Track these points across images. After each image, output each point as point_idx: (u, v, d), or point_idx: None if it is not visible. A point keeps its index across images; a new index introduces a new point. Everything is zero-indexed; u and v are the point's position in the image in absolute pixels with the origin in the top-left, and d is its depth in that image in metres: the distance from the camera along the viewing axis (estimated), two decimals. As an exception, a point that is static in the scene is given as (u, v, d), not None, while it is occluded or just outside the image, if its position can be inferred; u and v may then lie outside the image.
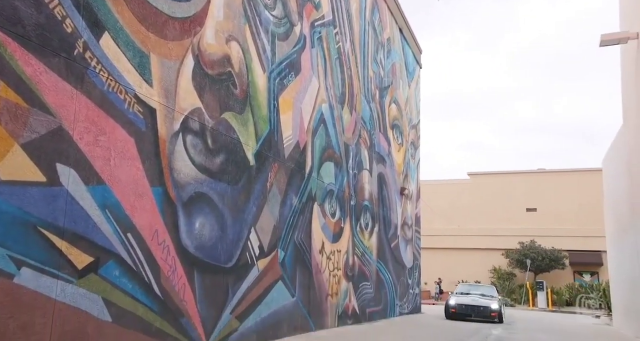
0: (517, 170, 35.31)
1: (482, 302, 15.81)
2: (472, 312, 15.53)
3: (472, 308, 15.67)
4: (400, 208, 17.04)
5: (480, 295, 16.71)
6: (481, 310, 15.49)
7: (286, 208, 9.34)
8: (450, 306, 16.14)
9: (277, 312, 8.74)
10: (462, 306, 15.85)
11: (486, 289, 18.07)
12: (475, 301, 15.92)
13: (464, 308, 15.76)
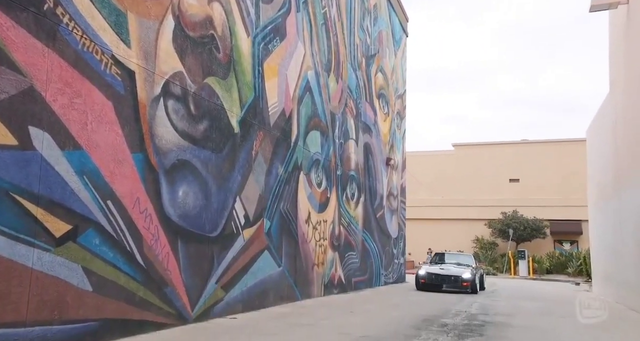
0: (501, 140, 35.48)
1: (453, 271, 14.44)
2: (443, 282, 14.15)
3: (442, 278, 14.26)
4: (386, 178, 16.99)
5: (455, 264, 15.36)
6: (452, 280, 14.13)
7: (272, 178, 9.17)
8: (420, 276, 14.68)
9: (263, 282, 8.67)
10: (432, 276, 14.37)
11: (463, 258, 16.66)
12: (446, 271, 14.53)
13: (434, 278, 14.31)
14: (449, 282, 14.12)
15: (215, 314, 7.13)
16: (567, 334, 6.89)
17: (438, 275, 14.38)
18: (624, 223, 11.29)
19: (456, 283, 14.05)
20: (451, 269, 14.68)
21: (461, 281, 13.96)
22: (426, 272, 14.64)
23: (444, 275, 14.30)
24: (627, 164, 11.06)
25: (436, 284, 14.20)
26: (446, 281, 14.16)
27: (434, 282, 14.23)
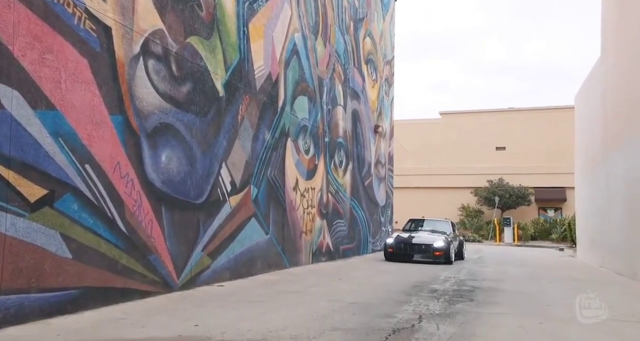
0: (488, 108, 35.39)
1: (424, 239, 12.70)
2: (413, 252, 12.60)
3: (412, 246, 12.60)
4: (374, 146, 16.81)
5: (429, 232, 13.59)
6: (423, 249, 12.49)
7: (258, 143, 8.92)
8: (387, 245, 12.98)
9: (251, 249, 8.53)
10: (401, 245, 12.68)
11: (440, 224, 14.69)
12: (416, 239, 12.80)
13: (403, 248, 12.64)
14: (420, 251, 12.55)
15: (202, 282, 6.99)
16: (556, 297, 6.89)
17: (407, 243, 12.69)
18: (612, 187, 11.31)
19: (427, 252, 12.46)
20: (422, 237, 12.95)
21: (433, 251, 12.34)
22: (394, 241, 12.90)
23: (413, 244, 12.63)
24: (616, 128, 11.00)
25: (405, 254, 12.62)
26: (416, 250, 12.58)
27: (402, 252, 12.63)
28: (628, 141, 9.99)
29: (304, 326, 4.59)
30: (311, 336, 4.23)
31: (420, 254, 12.58)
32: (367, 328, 4.61)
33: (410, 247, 12.63)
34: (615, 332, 4.66)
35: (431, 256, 12.44)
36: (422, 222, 14.99)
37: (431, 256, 12.44)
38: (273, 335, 4.24)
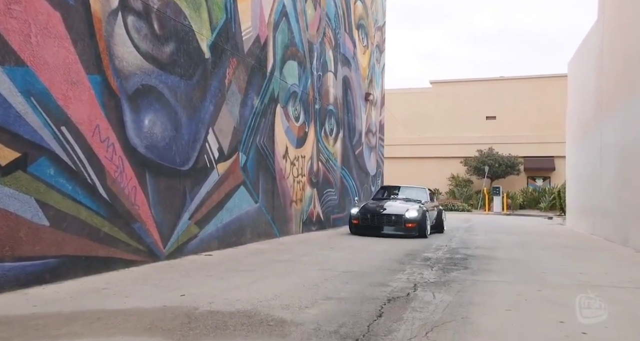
0: (479, 77, 35.03)
1: (394, 209, 10.90)
2: (382, 223, 10.74)
3: (380, 218, 10.74)
4: (364, 114, 16.51)
5: (403, 200, 11.90)
6: (393, 221, 10.66)
7: (247, 109, 8.59)
8: (352, 216, 11.15)
9: (240, 218, 8.32)
10: (367, 216, 10.85)
11: (415, 192, 12.74)
12: (385, 208, 10.99)
13: (370, 219, 10.80)
14: (390, 223, 10.67)
15: (190, 251, 6.78)
16: (550, 265, 6.80)
17: (375, 214, 10.82)
18: (605, 153, 11.20)
19: (398, 224, 10.61)
20: (393, 206, 11.15)
21: (404, 222, 10.52)
22: (360, 211, 11.00)
23: (382, 215, 10.77)
24: (611, 92, 10.80)
25: (373, 226, 10.77)
26: (386, 222, 10.70)
27: (370, 224, 10.80)
28: (623, 105, 9.81)
29: (296, 296, 4.42)
30: (303, 305, 4.06)
31: (391, 227, 10.66)
32: (361, 297, 4.44)
33: (378, 218, 10.72)
34: (614, 298, 4.54)
35: (404, 229, 10.53)
36: (396, 189, 13.14)
37: (404, 229, 10.53)
38: (263, 304, 4.05)
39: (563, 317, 3.79)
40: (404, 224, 10.55)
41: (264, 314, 3.75)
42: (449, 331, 3.37)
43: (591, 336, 3.32)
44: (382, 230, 10.74)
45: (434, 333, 3.35)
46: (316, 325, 3.48)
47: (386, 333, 3.32)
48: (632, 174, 9.17)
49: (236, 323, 3.48)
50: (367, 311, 3.90)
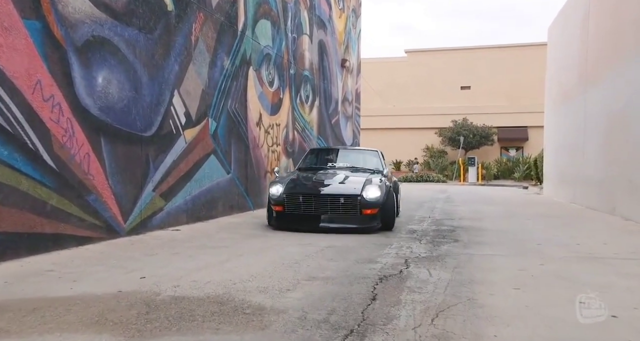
0: (454, 46, 34.49)
1: (341, 187, 6.78)
2: (321, 210, 6.53)
3: (318, 201, 6.56)
4: (341, 81, 15.83)
5: (349, 170, 7.62)
6: (339, 206, 6.50)
7: (216, 71, 7.85)
8: (273, 199, 6.77)
9: (211, 190, 7.68)
10: (297, 200, 6.61)
11: (361, 156, 8.55)
12: (326, 185, 6.83)
13: (302, 204, 6.59)
14: (335, 210, 6.49)
15: (155, 226, 6.14)
16: (542, 235, 6.41)
17: (310, 194, 6.61)
18: (589, 120, 10.87)
19: (349, 211, 6.49)
20: (338, 180, 7.01)
21: (360, 207, 6.45)
22: (286, 190, 6.69)
23: (321, 196, 6.56)
24: (598, 56, 10.39)
25: (307, 216, 6.55)
26: (330, 207, 6.50)
27: (301, 211, 6.57)
28: (612, 69, 9.41)
29: (275, 276, 3.86)
30: (284, 288, 3.51)
31: (338, 215, 6.47)
32: (349, 275, 3.92)
33: (316, 202, 6.51)
34: (626, 273, 4.14)
35: (357, 218, 6.45)
36: (333, 153, 8.77)
37: (357, 218, 6.45)
38: (238, 287, 3.48)
39: (580, 296, 3.34)
40: (359, 210, 6.38)
41: (239, 299, 3.18)
42: (458, 318, 2.87)
43: (623, 319, 2.88)
44: (319, 221, 6.43)
45: (441, 319, 2.84)
46: (301, 312, 2.94)
47: (385, 321, 2.80)
48: (621, 141, 8.85)
49: (205, 312, 2.90)
50: (358, 294, 3.38)
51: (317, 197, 6.54)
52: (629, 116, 8.51)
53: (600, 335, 2.64)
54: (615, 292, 3.51)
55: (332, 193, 6.54)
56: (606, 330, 2.72)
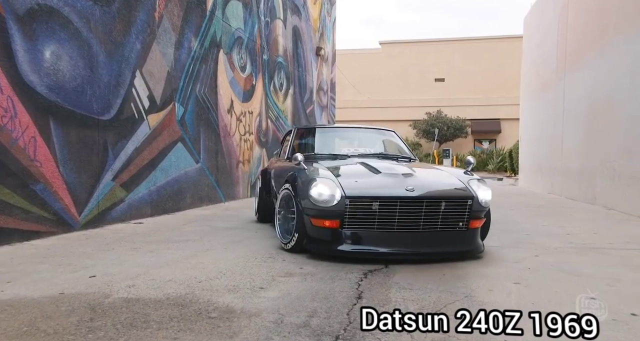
0: (429, 38, 34.34)
1: (432, 183, 4.05)
2: (408, 224, 3.68)
3: (405, 210, 3.65)
4: (316, 70, 15.36)
5: (377, 159, 4.83)
6: (436, 217, 3.73)
7: (183, 52, 7.30)
8: (325, 208, 3.70)
9: (178, 180, 7.16)
10: (370, 208, 3.65)
11: (380, 139, 5.82)
12: (409, 184, 3.82)
13: (379, 216, 3.65)
14: (429, 222, 3.74)
15: (115, 218, 5.60)
16: (528, 224, 6.12)
17: (392, 199, 3.67)
18: (568, 109, 10.71)
19: (451, 222, 3.82)
20: (401, 172, 4.11)
21: (469, 217, 3.85)
22: (346, 194, 3.67)
23: (411, 199, 3.68)
24: (578, 43, 10.20)
25: (386, 235, 3.69)
26: (416, 218, 3.70)
27: (375, 228, 3.69)
28: (593, 56, 9.21)
29: (247, 272, 3.41)
30: (257, 286, 3.07)
31: (433, 231, 3.78)
32: (329, 270, 3.50)
33: (403, 211, 3.68)
34: (628, 264, 3.84)
35: (462, 237, 3.90)
36: (334, 134, 6.06)
37: (462, 237, 3.90)
38: (204, 286, 3.03)
39: (588, 291, 3.00)
40: (467, 222, 3.89)
41: (204, 301, 2.73)
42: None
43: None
44: (408, 244, 3.75)
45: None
46: (277, 314, 2.50)
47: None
48: (603, 129, 8.66)
49: (162, 317, 2.44)
50: (341, 291, 2.96)
51: (406, 202, 3.65)
52: (612, 102, 8.31)
53: (625, 336, 2.28)
54: (626, 285, 3.18)
55: (430, 195, 3.74)
56: (630, 329, 2.36)
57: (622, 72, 7.92)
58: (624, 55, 7.83)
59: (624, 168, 7.72)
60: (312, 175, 3.95)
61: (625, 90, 7.79)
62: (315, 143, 5.53)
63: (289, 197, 4.13)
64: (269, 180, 5.77)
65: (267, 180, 5.86)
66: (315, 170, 4.11)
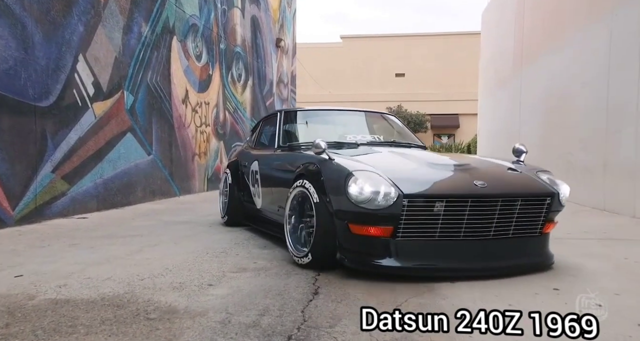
0: (390, 33, 34.49)
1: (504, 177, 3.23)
2: (478, 229, 2.86)
3: (477, 211, 2.82)
4: (275, 62, 15.05)
5: (391, 148, 4.03)
6: (510, 219, 2.93)
7: (133, 37, 6.89)
8: (372, 208, 2.74)
9: (128, 172, 6.77)
10: (432, 210, 2.78)
11: (386, 125, 5.10)
12: (475, 177, 3.00)
13: (443, 220, 2.79)
14: (502, 226, 2.93)
15: (56, 213, 5.20)
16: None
17: (462, 198, 2.82)
18: (525, 103, 10.82)
19: (525, 226, 3.02)
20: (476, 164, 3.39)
21: (545, 219, 3.08)
22: (403, 192, 2.73)
23: (485, 197, 2.86)
24: (536, 36, 10.29)
25: (451, 243, 2.84)
26: (487, 221, 2.88)
27: (437, 234, 2.81)
28: (548, 52, 9.30)
29: (195, 268, 3.15)
30: (205, 282, 2.81)
31: (504, 237, 2.96)
32: (286, 265, 3.28)
33: (473, 213, 2.84)
34: (591, 253, 3.78)
35: (533, 244, 3.12)
36: (330, 118, 4.96)
37: (533, 244, 3.12)
38: (145, 284, 2.75)
39: (555, 283, 2.89)
40: (542, 225, 3.11)
41: (144, 300, 2.45)
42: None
43: (607, 307, 2.42)
44: (477, 255, 2.92)
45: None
46: (225, 314, 2.26)
47: (332, 322, 2.18)
48: (559, 122, 8.75)
49: (93, 320, 2.16)
50: (297, 287, 2.74)
51: (479, 200, 2.85)
52: (567, 96, 8.40)
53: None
54: (587, 275, 3.09)
55: (507, 192, 2.99)
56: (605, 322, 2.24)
57: (577, 66, 8.00)
58: (579, 49, 7.91)
59: (578, 161, 7.81)
60: (346, 166, 2.93)
61: (580, 84, 7.88)
62: (310, 130, 4.54)
63: (305, 197, 3.17)
64: (246, 174, 4.77)
65: (242, 175, 4.91)
66: (346, 161, 3.09)
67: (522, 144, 3.61)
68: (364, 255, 2.89)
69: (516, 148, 3.63)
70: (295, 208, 3.34)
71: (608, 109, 6.78)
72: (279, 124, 4.51)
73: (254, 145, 5.17)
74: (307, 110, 4.91)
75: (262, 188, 4.26)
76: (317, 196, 3.01)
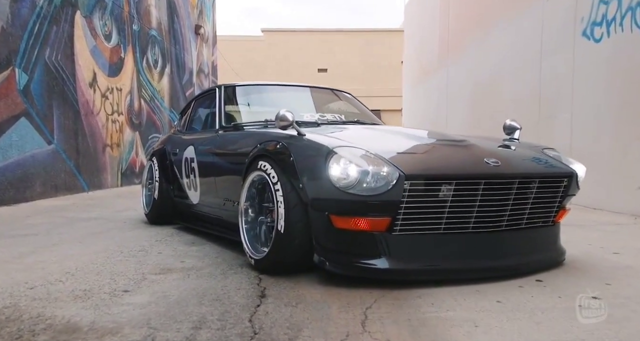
0: (312, 28, 34.24)
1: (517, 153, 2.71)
2: (489, 218, 2.29)
3: (490, 196, 2.26)
4: (195, 50, 14.16)
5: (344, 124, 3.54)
6: (525, 205, 2.41)
7: (24, 7, 5.92)
8: (363, 199, 2.12)
9: (22, 164, 5.81)
10: (437, 195, 2.20)
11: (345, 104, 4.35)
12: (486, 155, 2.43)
13: (450, 208, 2.22)
14: (516, 214, 2.40)
15: None
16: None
17: (473, 178, 2.25)
18: (452, 93, 10.85)
19: (540, 213, 2.51)
20: (476, 140, 2.78)
21: (560, 205, 2.58)
22: (402, 172, 2.11)
23: (500, 178, 2.30)
24: (462, 26, 10.32)
25: (458, 237, 2.27)
26: (501, 208, 2.32)
27: (443, 226, 2.23)
28: (474, 42, 9.33)
29: (107, 271, 2.51)
30: (119, 288, 2.19)
31: (517, 227, 2.43)
32: (221, 263, 2.72)
33: (485, 198, 2.27)
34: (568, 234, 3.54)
35: (546, 235, 2.61)
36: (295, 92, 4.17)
37: (546, 235, 2.61)
38: (37, 293, 2.09)
39: (535, 275, 2.56)
40: (556, 212, 2.59)
41: (31, 315, 1.81)
42: (388, 319, 1.85)
43: (545, 283, 2.11)
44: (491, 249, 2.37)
45: (375, 322, 1.80)
46: (146, 329, 1.68)
47: (290, 334, 1.67)
48: (486, 112, 8.77)
49: (-51, 351, 1.49)
50: (238, 290, 2.20)
51: (493, 182, 2.30)
52: (494, 85, 8.42)
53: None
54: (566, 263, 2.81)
55: (524, 171, 2.47)
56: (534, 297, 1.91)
57: (503, 54, 8.02)
58: (505, 38, 7.93)
59: (509, 148, 7.82)
60: (323, 143, 2.28)
61: (506, 73, 7.90)
62: (258, 107, 3.94)
63: (266, 184, 2.48)
64: (176, 163, 4.05)
65: (170, 165, 4.17)
66: (322, 137, 2.43)
67: (513, 120, 3.09)
68: (351, 256, 2.22)
69: (507, 124, 3.09)
70: (254, 198, 2.66)
71: (541, 96, 6.78)
72: (219, 102, 3.69)
73: (184, 129, 4.39)
74: (252, 84, 4.11)
75: (201, 178, 3.50)
76: (284, 182, 2.32)
